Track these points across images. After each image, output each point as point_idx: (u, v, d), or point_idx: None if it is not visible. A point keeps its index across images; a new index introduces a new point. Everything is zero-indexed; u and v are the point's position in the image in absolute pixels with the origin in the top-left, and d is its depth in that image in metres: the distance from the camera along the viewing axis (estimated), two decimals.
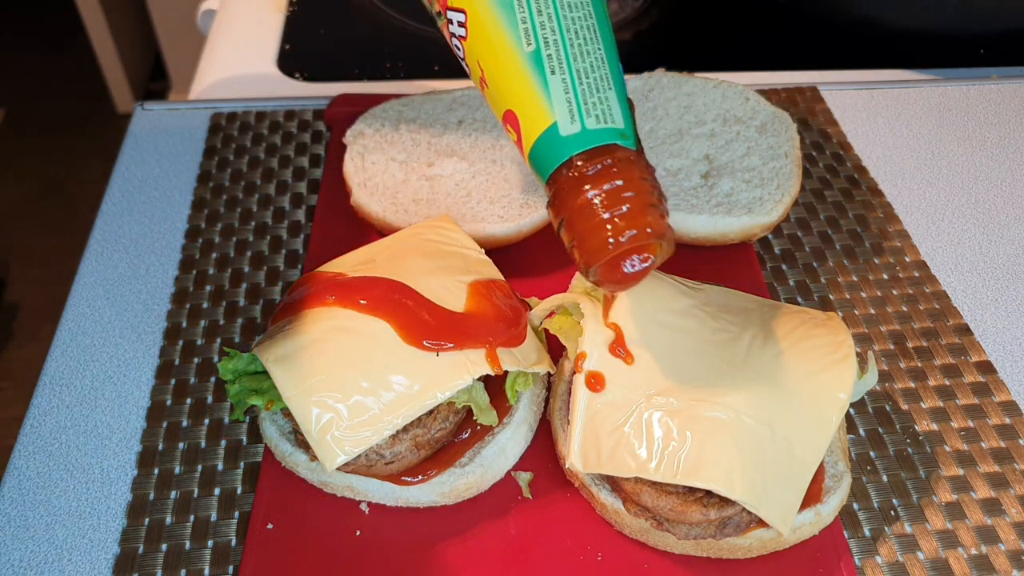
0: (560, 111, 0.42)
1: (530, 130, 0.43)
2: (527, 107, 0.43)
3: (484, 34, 0.45)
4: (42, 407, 0.58)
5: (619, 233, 0.40)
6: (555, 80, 0.42)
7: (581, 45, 0.43)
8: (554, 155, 0.42)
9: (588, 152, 0.42)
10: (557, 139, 0.42)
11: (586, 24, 0.44)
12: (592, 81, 0.43)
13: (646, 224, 0.41)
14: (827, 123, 0.83)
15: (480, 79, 0.46)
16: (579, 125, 0.42)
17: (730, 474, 0.45)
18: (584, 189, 0.41)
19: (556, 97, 0.42)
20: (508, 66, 0.44)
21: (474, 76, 0.47)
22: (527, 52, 0.43)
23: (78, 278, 0.67)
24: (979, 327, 0.66)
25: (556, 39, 0.43)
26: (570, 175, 0.42)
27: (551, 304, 0.55)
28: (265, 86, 0.88)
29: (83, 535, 0.52)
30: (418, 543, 0.51)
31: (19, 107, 2.62)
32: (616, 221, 0.41)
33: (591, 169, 0.41)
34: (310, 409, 0.47)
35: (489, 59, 0.45)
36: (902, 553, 0.52)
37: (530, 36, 0.43)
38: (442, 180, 0.68)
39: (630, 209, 0.41)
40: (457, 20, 0.46)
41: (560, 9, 0.43)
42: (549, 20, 0.43)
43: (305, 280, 0.55)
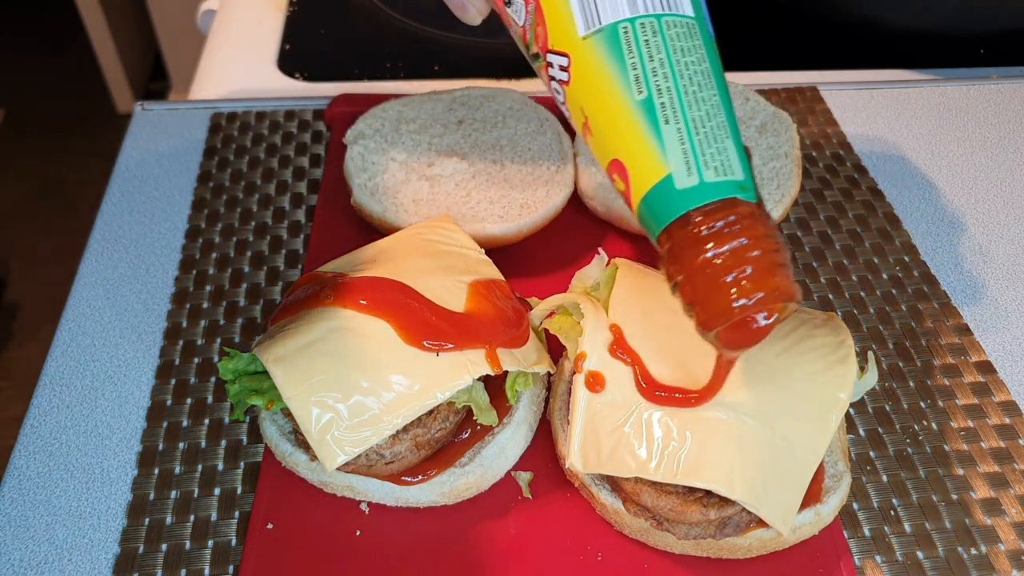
0: (676, 163, 0.40)
1: (641, 182, 0.41)
2: (638, 158, 0.41)
3: (590, 80, 0.42)
4: (42, 407, 0.58)
5: (745, 296, 0.38)
6: (669, 130, 0.40)
7: (695, 92, 0.41)
8: (669, 209, 0.40)
9: (707, 207, 0.39)
10: (672, 192, 0.40)
11: (699, 69, 0.41)
12: (709, 130, 0.40)
13: (774, 286, 0.38)
14: (827, 123, 0.83)
15: (583, 126, 0.44)
16: (697, 178, 0.39)
17: (730, 474, 0.45)
18: (706, 248, 0.39)
19: (671, 148, 0.40)
20: (617, 115, 0.41)
21: (576, 122, 0.45)
22: (638, 100, 0.41)
23: (78, 278, 0.67)
24: (979, 327, 0.66)
25: (669, 86, 0.40)
26: (689, 232, 0.39)
27: (551, 304, 0.55)
28: (265, 86, 0.88)
29: (83, 535, 0.52)
30: (418, 543, 0.51)
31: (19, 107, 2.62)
32: (742, 284, 0.38)
33: (712, 226, 0.39)
34: (310, 409, 0.47)
35: (595, 107, 0.42)
36: (902, 553, 0.52)
37: (641, 83, 0.41)
38: (442, 180, 0.68)
39: (755, 270, 0.38)
40: (559, 64, 0.44)
41: (672, 54, 0.41)
42: (661, 66, 0.41)
43: (305, 280, 0.55)
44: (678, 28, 0.42)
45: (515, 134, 0.72)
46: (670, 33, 0.41)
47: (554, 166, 0.69)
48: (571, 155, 0.70)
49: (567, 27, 0.43)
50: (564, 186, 0.67)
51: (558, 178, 0.68)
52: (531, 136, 0.72)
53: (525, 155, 0.70)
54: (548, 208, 0.66)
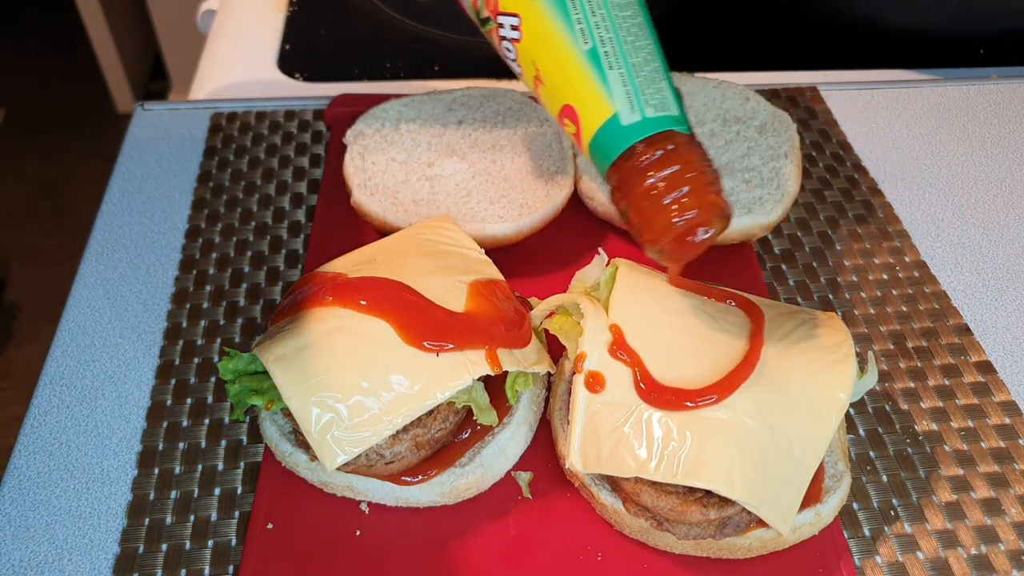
0: (621, 103, 0.45)
1: (591, 122, 0.46)
2: (588, 101, 0.46)
3: (541, 36, 0.48)
4: (42, 407, 0.58)
5: (684, 212, 0.44)
6: (613, 75, 0.46)
7: (633, 41, 0.47)
8: (616, 144, 0.46)
9: (649, 139, 0.45)
10: (619, 129, 0.45)
11: (635, 21, 0.47)
12: (647, 74, 0.46)
13: (707, 203, 0.44)
14: (827, 123, 0.83)
15: (535, 78, 0.49)
16: (639, 114, 0.45)
17: (730, 474, 0.45)
18: (648, 175, 0.44)
19: (616, 90, 0.46)
20: (567, 64, 0.47)
21: (527, 76, 0.50)
22: (584, 50, 0.46)
23: (78, 278, 0.67)
24: (979, 327, 0.66)
25: (611, 37, 0.46)
26: (633, 162, 0.45)
27: (551, 304, 0.55)
28: (265, 86, 0.88)
29: (83, 535, 0.52)
30: (418, 543, 0.51)
31: (19, 107, 2.62)
32: (681, 202, 0.44)
33: (653, 155, 0.44)
34: (310, 409, 0.47)
35: (546, 59, 0.48)
36: (902, 553, 0.52)
37: (587, 36, 0.46)
38: (442, 180, 0.68)
39: (691, 189, 0.44)
40: (510, 24, 0.49)
41: (612, 9, 0.47)
42: (603, 20, 0.46)
43: (305, 280, 0.55)
44: None
45: (515, 134, 0.72)
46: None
47: (554, 166, 0.69)
48: (571, 155, 0.70)
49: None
50: (564, 186, 0.67)
51: (558, 178, 0.68)
52: (531, 136, 0.72)
53: (525, 155, 0.70)
54: (548, 208, 0.66)
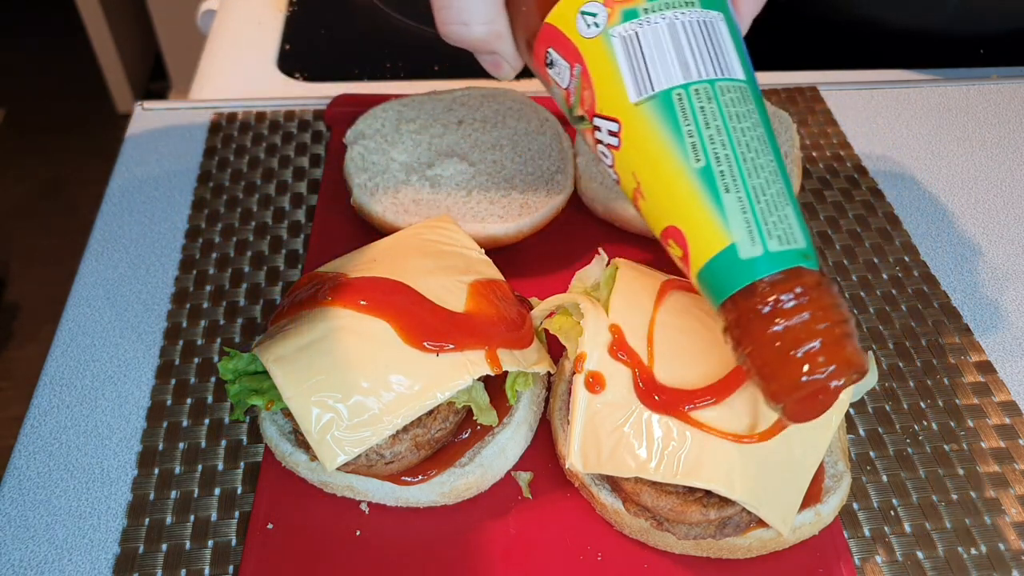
0: (739, 232, 0.39)
1: (701, 251, 0.40)
2: (698, 227, 0.40)
3: (643, 147, 0.41)
4: (42, 407, 0.58)
5: (815, 372, 0.37)
6: (730, 199, 0.39)
7: (753, 159, 0.40)
8: (732, 280, 0.39)
9: (773, 277, 0.38)
10: (736, 262, 0.39)
11: (755, 134, 0.40)
12: (769, 198, 0.39)
13: (844, 359, 0.37)
14: (827, 123, 0.83)
15: (635, 191, 0.43)
16: (761, 248, 0.38)
17: (730, 474, 0.45)
18: (775, 322, 0.38)
19: (733, 217, 0.39)
20: (673, 182, 0.40)
21: (626, 186, 0.44)
22: (696, 168, 0.39)
23: (78, 278, 0.67)
24: (979, 327, 0.66)
25: (728, 153, 0.39)
26: (755, 303, 0.38)
27: (551, 304, 0.55)
28: (265, 86, 0.88)
29: (83, 535, 0.52)
30: (418, 543, 0.51)
31: (19, 107, 2.62)
32: (813, 358, 0.37)
33: (780, 299, 0.38)
34: (310, 409, 0.47)
35: (649, 173, 0.41)
36: (902, 553, 0.52)
37: (699, 151, 0.39)
38: (442, 180, 0.68)
39: (824, 343, 0.37)
40: (608, 129, 0.42)
41: (728, 120, 0.40)
42: (719, 133, 0.40)
43: (305, 280, 0.55)
44: (732, 93, 0.41)
45: (515, 134, 0.72)
46: (724, 99, 0.40)
47: (554, 166, 0.69)
48: (571, 155, 0.70)
49: (617, 93, 0.41)
50: (564, 186, 0.67)
51: (558, 178, 0.68)
52: (531, 136, 0.72)
53: (525, 155, 0.70)
54: (548, 208, 0.66)
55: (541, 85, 0.88)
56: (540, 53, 0.45)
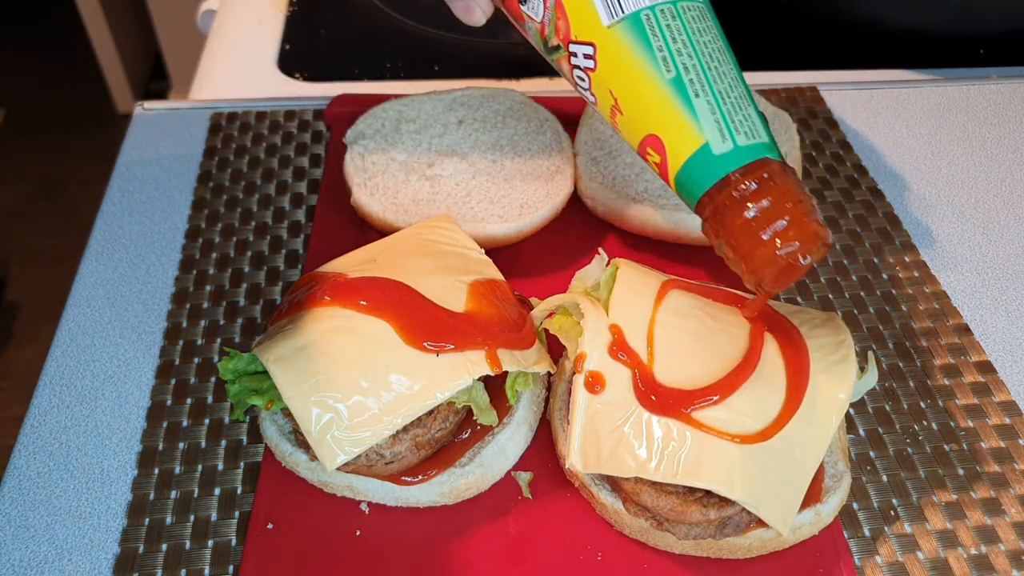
0: (711, 132, 0.44)
1: (679, 152, 0.45)
2: (674, 131, 0.44)
3: (618, 64, 0.46)
4: (42, 407, 0.58)
5: (787, 244, 0.42)
6: (700, 103, 0.44)
7: (717, 67, 0.45)
8: (708, 175, 0.44)
9: (743, 168, 0.43)
10: (710, 159, 0.44)
11: (716, 46, 0.45)
12: (734, 100, 0.44)
13: (809, 233, 0.42)
14: (827, 123, 0.83)
15: (612, 108, 0.47)
16: (731, 143, 0.43)
17: (730, 474, 0.45)
18: (747, 207, 0.43)
19: (704, 119, 0.44)
20: (649, 93, 0.45)
21: (603, 106, 0.48)
22: (668, 79, 0.44)
23: (78, 278, 0.67)
24: (979, 327, 0.66)
25: (694, 63, 0.44)
26: (728, 193, 0.43)
27: (551, 304, 0.55)
28: (265, 86, 0.88)
29: (83, 535, 0.52)
30: (418, 543, 0.51)
31: (19, 107, 2.62)
32: (782, 233, 0.42)
33: (750, 185, 0.43)
34: (310, 409, 0.47)
35: (625, 88, 0.46)
36: (902, 553, 0.52)
37: (669, 63, 0.44)
38: (442, 180, 0.68)
39: (791, 220, 0.42)
40: (583, 53, 0.47)
41: (692, 35, 0.45)
42: (685, 46, 0.45)
43: (305, 280, 0.55)
44: (692, 11, 0.46)
45: (515, 134, 0.72)
46: (686, 16, 0.45)
47: (554, 166, 0.69)
48: (571, 155, 0.70)
49: (590, 18, 0.46)
50: (564, 186, 0.67)
51: (558, 178, 0.68)
52: (531, 136, 0.72)
53: (525, 155, 0.70)
54: (548, 208, 0.66)
55: (541, 86, 0.88)
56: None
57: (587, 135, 0.72)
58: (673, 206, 0.65)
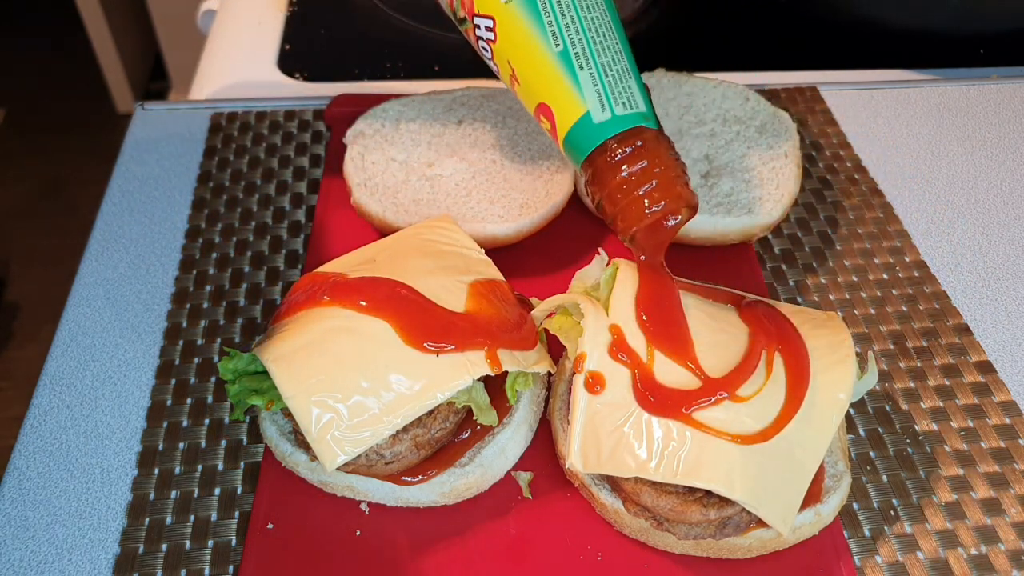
0: (591, 102, 0.48)
1: (564, 120, 0.49)
2: (561, 100, 0.49)
3: (514, 38, 0.50)
4: (42, 407, 0.58)
5: (654, 203, 0.47)
6: (584, 75, 0.48)
7: (602, 42, 0.49)
8: (589, 140, 0.48)
9: (620, 136, 0.47)
10: (590, 126, 0.48)
11: (603, 22, 0.49)
12: (615, 73, 0.48)
13: (674, 194, 0.47)
14: (827, 123, 0.83)
15: (511, 76, 0.51)
16: (609, 112, 0.48)
17: (730, 474, 0.45)
18: (621, 169, 0.47)
19: (587, 90, 0.48)
20: (540, 65, 0.49)
21: (503, 74, 0.52)
22: (556, 52, 0.48)
23: (78, 278, 0.67)
24: (979, 327, 0.66)
25: (581, 39, 0.48)
26: (605, 158, 0.48)
27: (551, 304, 0.55)
28: (265, 86, 0.88)
29: (83, 535, 0.52)
30: (418, 543, 0.51)
31: (19, 107, 2.62)
32: (651, 194, 0.47)
33: (624, 151, 0.47)
34: (310, 409, 0.47)
35: (520, 60, 0.50)
36: (902, 553, 0.52)
37: (558, 38, 0.48)
38: (442, 180, 0.68)
39: (659, 183, 0.47)
40: (485, 26, 0.51)
41: (581, 11, 0.48)
42: (573, 22, 0.48)
43: (306, 280, 0.55)
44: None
45: (515, 134, 0.72)
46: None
47: (554, 166, 0.69)
48: None
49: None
50: (564, 186, 0.67)
51: (558, 178, 0.68)
52: (531, 136, 0.72)
53: (525, 155, 0.70)
54: (548, 208, 0.66)
55: None
56: None
57: None
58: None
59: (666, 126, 0.73)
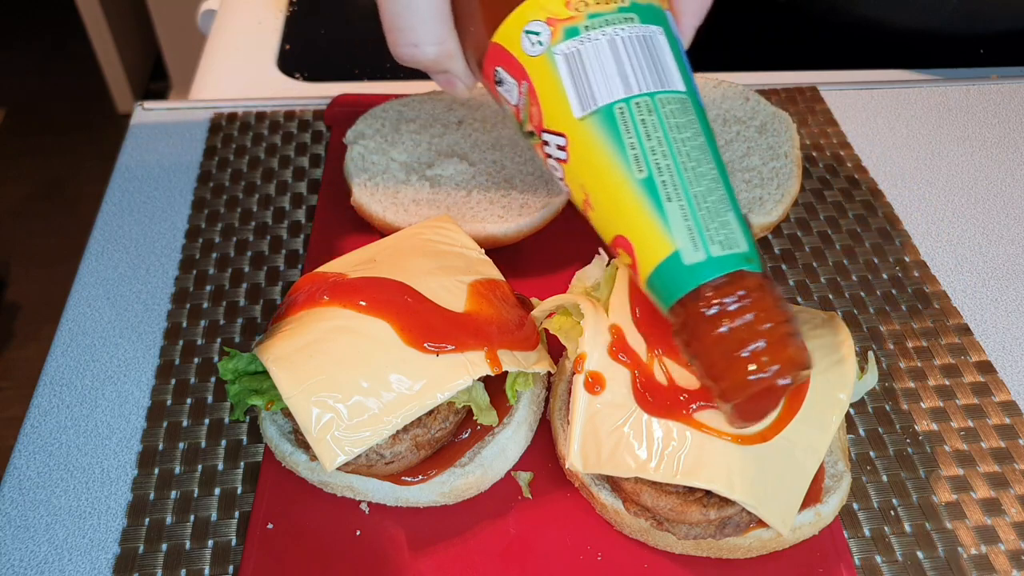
0: (682, 240, 0.40)
1: (648, 259, 0.41)
2: (644, 236, 0.41)
3: (588, 160, 0.43)
4: (42, 407, 0.58)
5: (762, 371, 0.39)
6: (672, 207, 0.40)
7: (694, 167, 0.41)
8: (678, 285, 0.40)
9: (717, 281, 0.40)
10: (680, 268, 0.40)
11: (696, 144, 0.42)
12: (710, 205, 0.41)
13: (788, 358, 0.39)
14: (827, 123, 0.83)
15: (584, 202, 0.44)
16: (704, 253, 0.40)
17: (730, 474, 0.45)
18: (720, 324, 0.39)
19: (675, 225, 0.40)
20: (619, 194, 0.42)
21: (576, 198, 0.45)
22: (639, 179, 0.41)
23: (78, 278, 0.67)
24: (979, 327, 0.66)
25: (669, 164, 0.41)
26: (700, 307, 0.40)
27: (551, 304, 0.55)
28: (265, 86, 0.88)
29: (83, 535, 0.52)
30: (418, 543, 0.51)
31: (19, 107, 2.63)
32: (758, 358, 0.39)
33: (723, 302, 0.39)
34: (310, 409, 0.47)
35: (595, 185, 0.43)
36: (902, 553, 0.52)
37: (641, 163, 0.41)
38: (442, 180, 0.68)
39: (769, 343, 0.39)
40: (556, 144, 0.44)
41: (669, 131, 0.41)
42: (660, 144, 0.41)
43: (306, 280, 0.55)
44: (672, 104, 0.42)
45: (515, 134, 0.72)
46: (665, 110, 0.42)
47: None
48: None
49: (562, 108, 0.43)
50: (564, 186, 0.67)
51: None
52: None
53: (525, 155, 0.70)
54: (548, 208, 0.66)
55: None
56: (489, 72, 0.46)
57: None
58: None
59: None
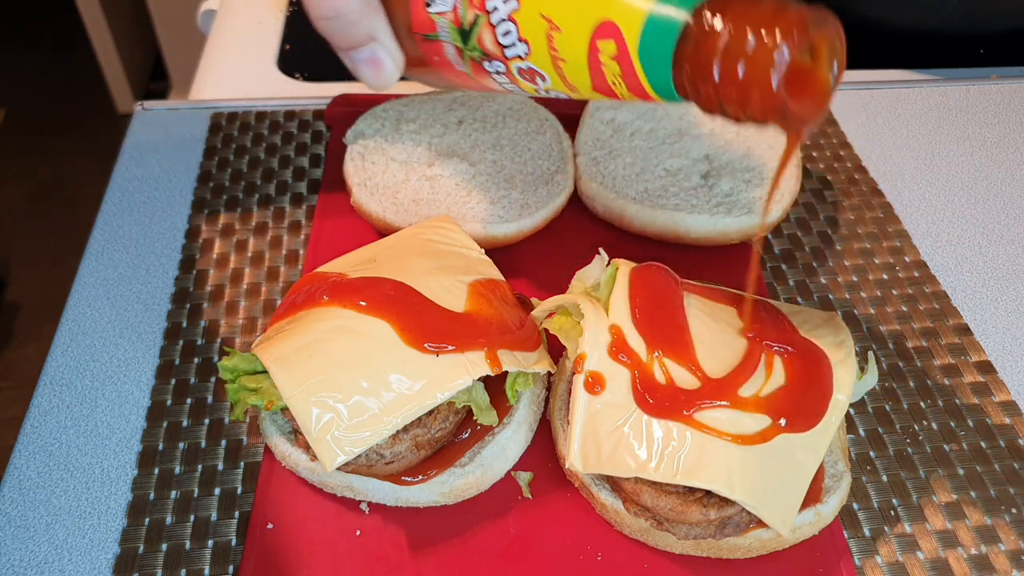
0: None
1: (633, 24, 0.40)
2: (620, 6, 0.40)
3: None
4: (42, 407, 0.58)
5: (776, 47, 0.37)
6: None
7: None
8: (669, 30, 0.39)
9: (697, 8, 0.39)
10: (668, 10, 0.39)
11: None
12: None
13: (790, 23, 0.37)
14: (827, 123, 0.83)
15: (547, 33, 0.43)
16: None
17: (730, 474, 0.45)
18: (718, 34, 0.38)
19: None
20: None
21: (538, 36, 0.44)
22: None
23: (78, 278, 0.67)
24: (979, 327, 0.66)
25: None
26: (697, 36, 0.38)
27: (551, 304, 0.55)
28: (265, 86, 0.88)
29: (83, 535, 0.52)
30: (418, 543, 0.51)
31: (19, 107, 2.63)
32: (771, 30, 0.37)
33: (710, 23, 0.38)
34: (310, 409, 0.47)
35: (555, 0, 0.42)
36: (902, 553, 0.52)
37: None
38: (442, 180, 0.68)
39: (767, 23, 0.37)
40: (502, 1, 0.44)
41: None
42: None
43: (306, 280, 0.55)
44: None
45: (515, 134, 0.72)
46: None
47: (554, 166, 0.69)
48: (571, 155, 0.70)
49: None
50: (564, 186, 0.67)
51: (558, 178, 0.68)
52: (531, 136, 0.72)
53: (525, 155, 0.70)
54: (548, 208, 0.66)
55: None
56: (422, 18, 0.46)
57: (587, 135, 0.72)
58: (673, 206, 0.65)
59: (666, 126, 0.73)
